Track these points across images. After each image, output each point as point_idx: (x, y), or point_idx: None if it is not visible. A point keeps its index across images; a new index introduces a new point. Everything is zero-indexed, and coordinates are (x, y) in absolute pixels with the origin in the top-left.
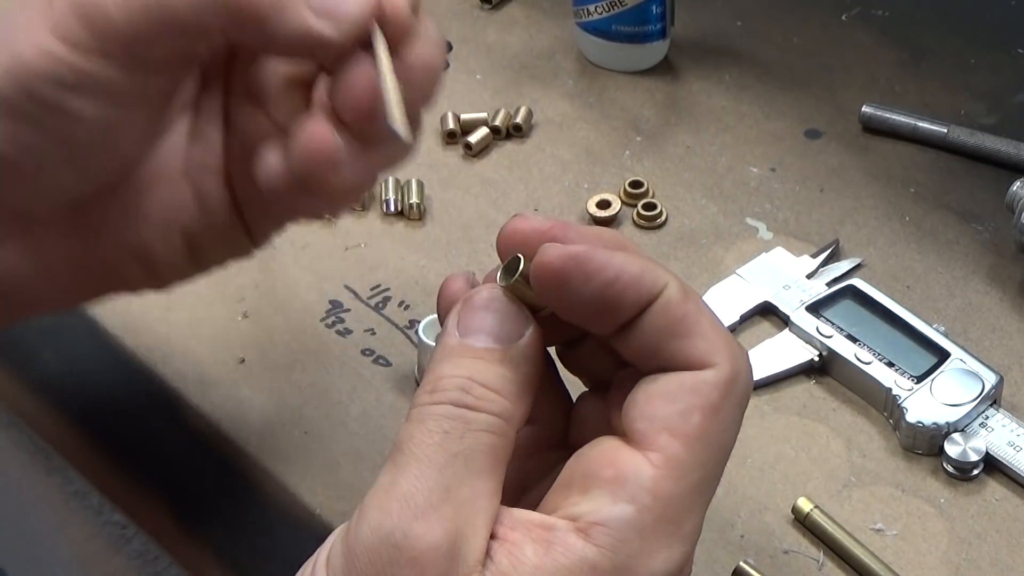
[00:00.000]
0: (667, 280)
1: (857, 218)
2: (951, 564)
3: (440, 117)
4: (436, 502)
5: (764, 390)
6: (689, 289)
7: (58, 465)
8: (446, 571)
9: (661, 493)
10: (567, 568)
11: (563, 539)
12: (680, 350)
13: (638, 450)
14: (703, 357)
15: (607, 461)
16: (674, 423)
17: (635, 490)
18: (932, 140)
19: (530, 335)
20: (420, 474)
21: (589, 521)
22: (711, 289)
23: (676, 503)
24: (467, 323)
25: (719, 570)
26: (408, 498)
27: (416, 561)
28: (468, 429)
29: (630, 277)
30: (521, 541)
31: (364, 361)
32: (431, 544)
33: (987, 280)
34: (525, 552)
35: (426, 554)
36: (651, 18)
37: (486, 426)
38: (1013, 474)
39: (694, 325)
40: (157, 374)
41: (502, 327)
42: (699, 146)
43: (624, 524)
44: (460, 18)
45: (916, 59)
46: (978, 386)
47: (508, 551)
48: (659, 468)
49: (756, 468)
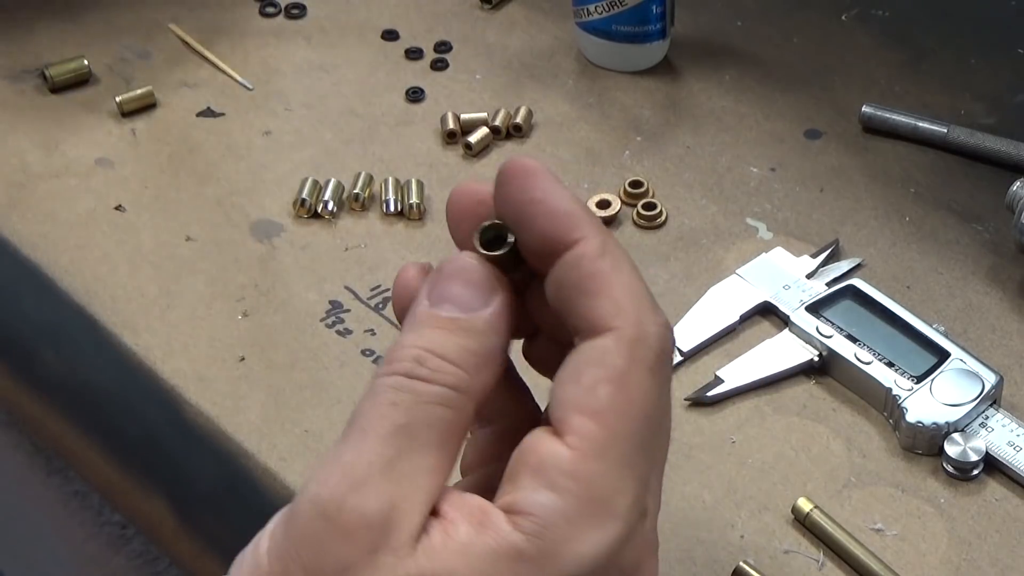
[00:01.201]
0: (587, 234)
1: (857, 218)
2: (951, 564)
3: (440, 117)
4: (374, 474)
5: (764, 390)
6: (611, 249)
7: (58, 465)
8: (377, 544)
9: (581, 475)
10: (494, 551)
11: (495, 523)
12: (584, 311)
13: (557, 436)
14: (603, 320)
15: (531, 450)
16: (582, 401)
17: (554, 475)
18: (932, 140)
19: (497, 303)
20: (362, 446)
21: (517, 509)
22: (711, 289)
23: (600, 482)
24: (437, 291)
25: (719, 570)
26: (347, 469)
27: (347, 533)
28: (417, 401)
29: (550, 208)
30: (458, 521)
31: (364, 361)
32: (363, 516)
33: (987, 280)
34: (459, 531)
35: (357, 526)
36: (651, 18)
37: (437, 398)
38: (1013, 474)
39: (602, 285)
40: (157, 373)
41: (468, 295)
42: (699, 146)
43: (546, 510)
44: (460, 18)
45: (916, 59)
46: (978, 386)
47: (443, 528)
48: (575, 450)
49: (756, 468)
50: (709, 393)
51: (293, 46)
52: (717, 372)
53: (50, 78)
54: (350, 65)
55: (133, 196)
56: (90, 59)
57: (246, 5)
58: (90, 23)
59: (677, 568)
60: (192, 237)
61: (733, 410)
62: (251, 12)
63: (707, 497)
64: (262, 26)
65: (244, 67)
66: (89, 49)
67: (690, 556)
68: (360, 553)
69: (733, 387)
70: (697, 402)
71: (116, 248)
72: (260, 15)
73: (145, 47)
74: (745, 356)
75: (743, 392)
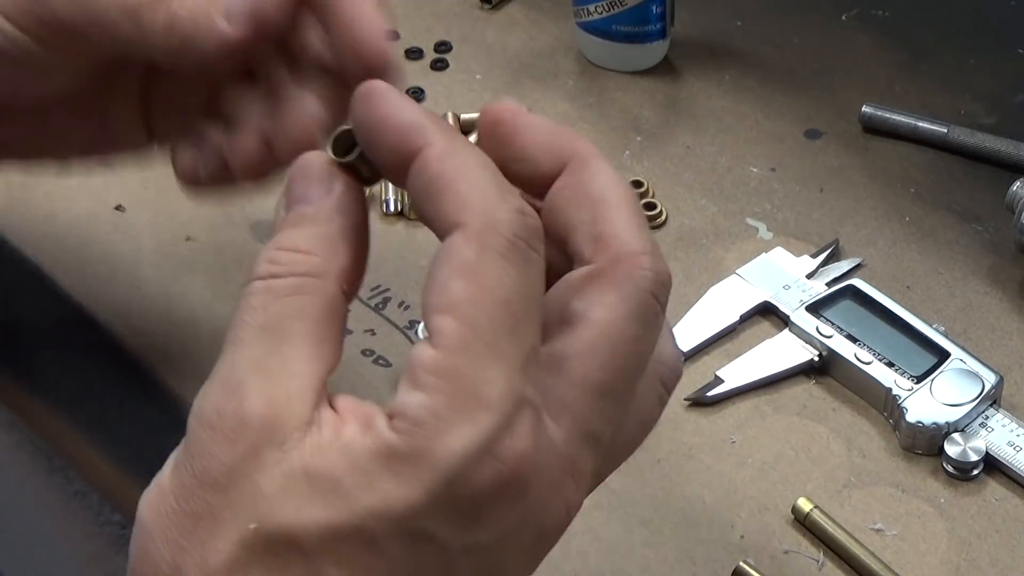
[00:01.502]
0: (431, 140)
1: (857, 218)
2: (951, 564)
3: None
4: (246, 377)
5: (764, 390)
6: (456, 149)
7: (58, 465)
8: (262, 441)
9: (444, 371)
10: (373, 450)
11: (377, 424)
12: (434, 214)
13: (427, 341)
14: (450, 217)
15: (411, 357)
16: (439, 301)
17: (421, 375)
18: (932, 140)
19: (339, 187)
20: (232, 355)
21: (392, 411)
22: (711, 289)
23: (466, 375)
24: (286, 198)
25: (719, 570)
26: (222, 380)
27: (228, 436)
28: (275, 297)
29: (394, 122)
30: (348, 420)
31: (364, 361)
32: (242, 418)
33: (987, 280)
34: (347, 429)
35: (238, 428)
36: (651, 18)
37: (293, 289)
38: (1013, 474)
39: (446, 184)
40: (157, 373)
41: (310, 189)
42: (699, 146)
43: (415, 409)
44: (460, 18)
45: (916, 59)
46: (978, 386)
47: (333, 425)
48: (437, 348)
49: (756, 468)
50: (709, 393)
51: None
52: (717, 372)
53: None
54: None
55: (133, 196)
56: None
57: None
58: None
59: (677, 568)
60: (192, 237)
61: (733, 410)
62: None
63: (707, 497)
64: None
65: None
66: None
67: (690, 556)
68: (244, 452)
69: (733, 387)
70: (697, 402)
71: (116, 248)
72: None
73: None
74: (745, 356)
75: (743, 392)
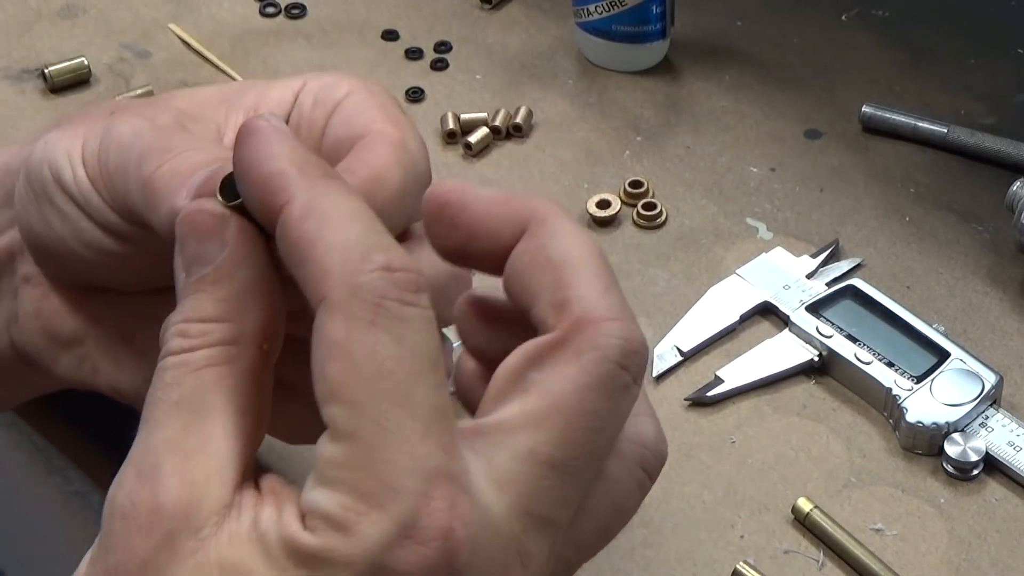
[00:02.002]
0: (292, 196)
1: (857, 218)
2: (951, 564)
3: (440, 117)
4: (160, 460)
5: (764, 390)
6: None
7: (58, 465)
8: (178, 529)
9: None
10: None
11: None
12: (302, 286)
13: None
14: (314, 290)
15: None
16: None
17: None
18: (932, 140)
19: (232, 239)
20: (146, 436)
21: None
22: (711, 289)
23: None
24: (183, 260)
25: (719, 570)
26: (136, 465)
27: (143, 527)
28: (188, 371)
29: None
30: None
31: None
32: (157, 506)
33: (987, 280)
34: (264, 515)
35: (152, 518)
36: (651, 18)
37: (206, 361)
38: (1013, 474)
39: (308, 250)
40: None
41: (203, 247)
42: (699, 146)
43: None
44: (460, 18)
45: (916, 59)
46: (978, 386)
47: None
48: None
49: (756, 468)
50: (709, 393)
51: (293, 46)
52: (717, 372)
53: (50, 78)
54: (350, 65)
55: None
56: (90, 59)
57: (246, 5)
58: (90, 23)
59: (677, 568)
60: None
61: (733, 410)
62: (251, 12)
63: (707, 497)
64: (262, 26)
65: (244, 67)
66: (89, 49)
67: (690, 556)
68: (158, 543)
69: (733, 387)
70: (697, 402)
71: None
72: (260, 15)
73: (145, 47)
74: (745, 356)
75: (743, 392)
